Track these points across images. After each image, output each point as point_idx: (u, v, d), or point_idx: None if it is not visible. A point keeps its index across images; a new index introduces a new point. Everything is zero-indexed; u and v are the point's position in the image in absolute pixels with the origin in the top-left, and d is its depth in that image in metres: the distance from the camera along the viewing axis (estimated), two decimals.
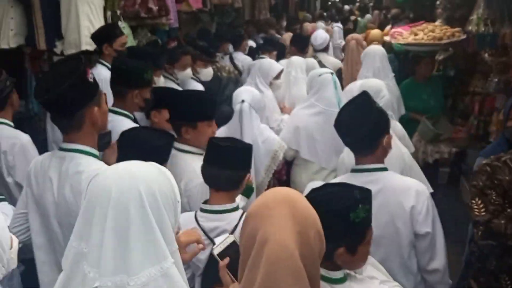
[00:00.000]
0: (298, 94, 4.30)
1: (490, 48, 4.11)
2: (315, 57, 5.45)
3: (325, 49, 5.55)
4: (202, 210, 2.08)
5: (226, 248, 1.63)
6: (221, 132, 3.04)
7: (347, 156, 2.59)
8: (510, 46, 3.92)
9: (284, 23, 11.14)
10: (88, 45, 4.14)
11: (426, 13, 8.04)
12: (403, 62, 5.49)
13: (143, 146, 1.99)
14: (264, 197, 1.29)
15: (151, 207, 1.17)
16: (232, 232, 1.93)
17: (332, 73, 3.45)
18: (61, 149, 1.94)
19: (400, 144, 2.78)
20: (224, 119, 3.17)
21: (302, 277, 1.17)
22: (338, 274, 1.57)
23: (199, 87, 4.18)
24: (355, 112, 2.15)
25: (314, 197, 1.50)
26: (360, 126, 2.08)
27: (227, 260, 1.58)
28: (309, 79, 3.63)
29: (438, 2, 5.40)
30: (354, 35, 5.96)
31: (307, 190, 1.78)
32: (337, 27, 9.00)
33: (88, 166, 1.84)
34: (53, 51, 4.17)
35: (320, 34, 5.75)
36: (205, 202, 2.10)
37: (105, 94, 2.01)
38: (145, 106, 2.76)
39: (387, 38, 5.64)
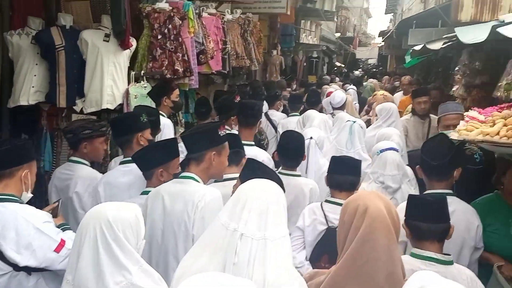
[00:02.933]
0: None
1: None
2: (332, 114, 5.63)
3: (342, 107, 5.75)
4: (327, 201, 2.72)
5: None
6: None
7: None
8: None
9: (294, 86, 11.23)
10: (109, 103, 3.99)
11: (437, 79, 8.03)
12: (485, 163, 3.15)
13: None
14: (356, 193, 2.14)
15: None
16: None
17: (354, 122, 4.09)
18: (181, 177, 2.39)
19: None
20: None
21: (391, 232, 1.67)
22: (449, 258, 2.05)
23: None
24: (440, 144, 2.62)
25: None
26: (447, 154, 2.53)
27: None
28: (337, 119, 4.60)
29: (456, 68, 5.28)
30: (382, 91, 6.55)
31: None
32: (352, 89, 9.21)
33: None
34: (72, 109, 4.01)
35: (338, 93, 5.99)
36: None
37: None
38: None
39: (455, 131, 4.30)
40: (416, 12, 18.50)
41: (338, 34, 24.10)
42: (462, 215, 2.47)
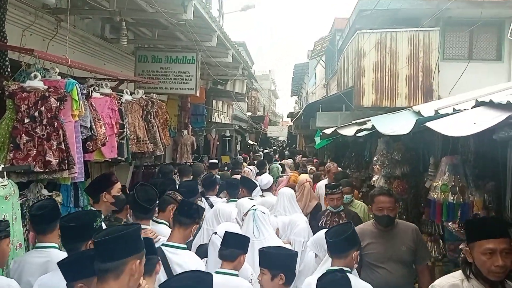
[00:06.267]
0: None
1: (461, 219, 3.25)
2: (262, 196, 5.73)
3: (269, 189, 5.92)
4: None
5: None
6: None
7: None
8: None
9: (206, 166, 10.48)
10: None
11: (351, 164, 7.73)
12: None
13: None
14: None
15: None
16: None
17: (255, 209, 3.99)
18: None
19: None
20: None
21: None
22: None
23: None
24: (340, 227, 3.09)
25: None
26: (343, 234, 2.88)
27: None
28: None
29: (375, 158, 4.88)
30: (307, 178, 6.19)
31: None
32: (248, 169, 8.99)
33: None
34: None
35: (265, 176, 6.16)
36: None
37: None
38: None
39: None
40: (319, 95, 19.34)
41: (249, 113, 24.33)
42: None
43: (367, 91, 10.86)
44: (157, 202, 3.87)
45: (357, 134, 5.09)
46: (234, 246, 3.08)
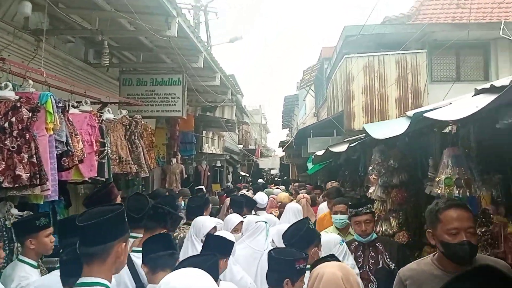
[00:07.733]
0: None
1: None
2: (255, 214, 5.63)
3: (264, 208, 6.22)
4: None
5: None
6: None
7: None
8: (492, 212, 2.94)
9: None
10: None
11: (346, 182, 7.50)
12: None
13: None
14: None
15: None
16: None
17: (266, 222, 3.97)
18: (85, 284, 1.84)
19: None
20: None
21: None
22: None
23: None
24: (293, 229, 3.01)
25: None
26: (293, 237, 2.92)
27: None
28: (245, 223, 4.02)
29: (370, 168, 4.65)
30: (304, 194, 6.32)
31: None
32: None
33: None
34: None
35: (263, 196, 6.38)
36: None
37: None
38: None
39: None
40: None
41: (240, 146, 24.17)
42: None
43: (358, 114, 10.80)
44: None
45: (351, 145, 4.89)
46: (212, 249, 2.97)
